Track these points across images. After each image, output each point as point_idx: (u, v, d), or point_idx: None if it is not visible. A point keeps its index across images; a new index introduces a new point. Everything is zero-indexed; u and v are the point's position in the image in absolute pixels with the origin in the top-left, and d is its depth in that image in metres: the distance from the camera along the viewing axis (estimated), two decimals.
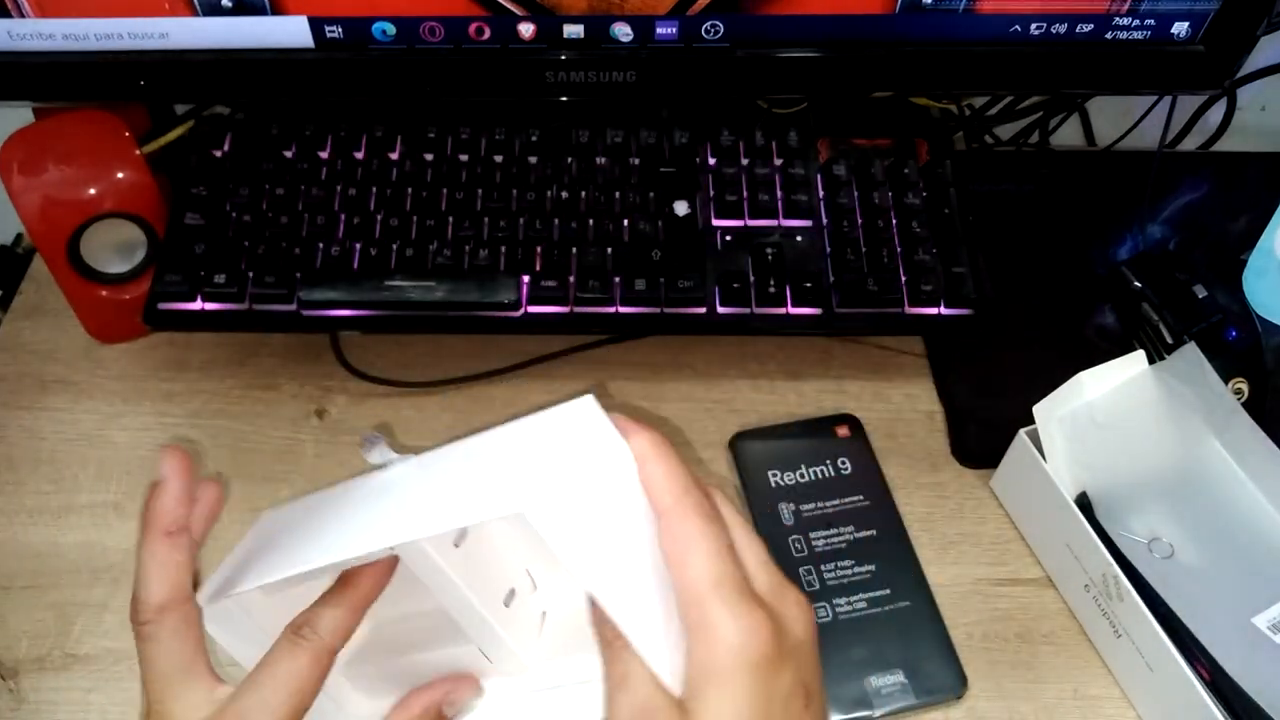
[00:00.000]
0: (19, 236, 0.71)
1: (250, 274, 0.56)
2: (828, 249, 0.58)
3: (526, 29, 0.53)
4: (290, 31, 0.52)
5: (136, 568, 0.35)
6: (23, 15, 0.51)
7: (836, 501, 0.54)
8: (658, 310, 0.56)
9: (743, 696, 0.28)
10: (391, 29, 0.53)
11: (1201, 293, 0.58)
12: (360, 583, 0.35)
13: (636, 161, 0.61)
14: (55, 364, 0.61)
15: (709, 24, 0.53)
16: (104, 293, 0.59)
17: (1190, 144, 0.75)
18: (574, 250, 0.57)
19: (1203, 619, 0.47)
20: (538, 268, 0.57)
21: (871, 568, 0.52)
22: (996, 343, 0.59)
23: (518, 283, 0.56)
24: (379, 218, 0.58)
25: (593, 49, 0.54)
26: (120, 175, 0.57)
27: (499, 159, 0.61)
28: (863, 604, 0.51)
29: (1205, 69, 0.55)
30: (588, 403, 0.33)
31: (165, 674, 0.34)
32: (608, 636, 0.31)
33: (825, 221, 0.59)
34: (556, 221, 0.58)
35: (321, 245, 0.57)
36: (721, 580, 0.29)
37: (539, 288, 0.56)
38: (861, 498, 0.55)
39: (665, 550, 0.30)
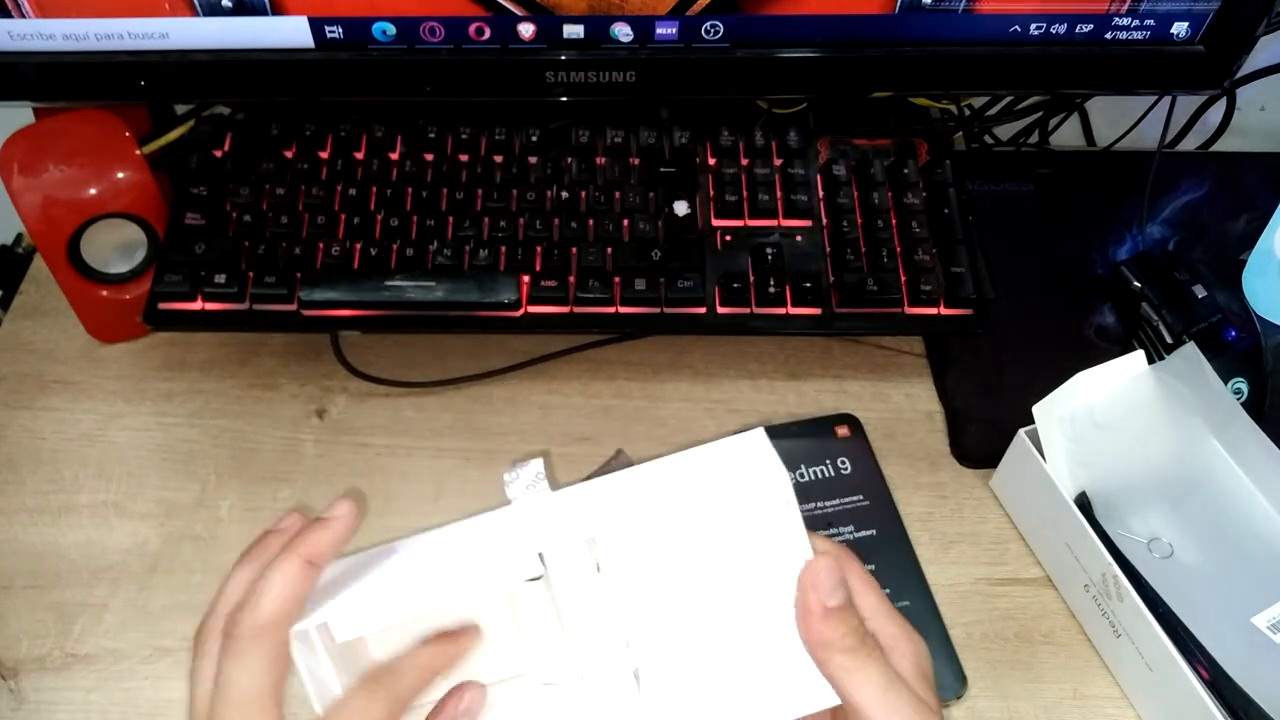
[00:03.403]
0: (19, 236, 0.71)
1: (250, 274, 0.56)
2: (827, 249, 0.58)
3: (526, 29, 0.53)
4: (290, 31, 0.52)
5: (259, 581, 0.33)
6: (23, 15, 0.51)
7: (836, 501, 0.54)
8: (658, 310, 0.56)
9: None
10: (391, 29, 0.53)
11: (1201, 293, 0.58)
12: (451, 647, 0.35)
13: (636, 161, 0.61)
14: (55, 364, 0.61)
15: (709, 24, 0.53)
16: (104, 293, 0.59)
17: (1190, 144, 0.75)
18: (574, 250, 0.57)
19: (1202, 619, 0.47)
20: (538, 268, 0.57)
21: (871, 567, 0.52)
22: (996, 343, 0.59)
23: (518, 283, 0.56)
24: (379, 218, 0.58)
25: (593, 49, 0.54)
26: (120, 175, 0.57)
27: (499, 159, 0.61)
28: None
29: (1205, 69, 0.55)
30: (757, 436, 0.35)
31: (244, 698, 0.32)
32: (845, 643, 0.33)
33: (825, 222, 0.59)
34: (556, 221, 0.58)
35: (322, 245, 0.57)
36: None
37: (539, 288, 0.56)
38: (861, 498, 0.55)
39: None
